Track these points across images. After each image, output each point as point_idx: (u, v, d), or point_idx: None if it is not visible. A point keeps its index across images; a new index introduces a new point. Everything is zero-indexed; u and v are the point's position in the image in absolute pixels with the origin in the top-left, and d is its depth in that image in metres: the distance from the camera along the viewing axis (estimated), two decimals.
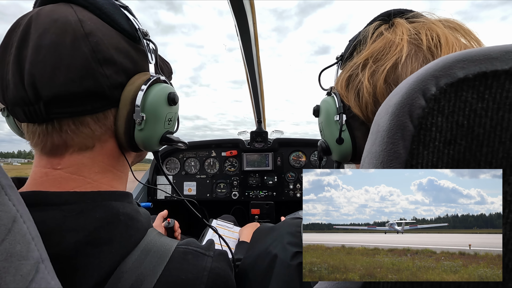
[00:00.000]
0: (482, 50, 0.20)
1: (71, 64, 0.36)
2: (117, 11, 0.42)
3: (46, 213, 0.36)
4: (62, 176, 0.40)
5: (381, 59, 0.39)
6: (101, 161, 0.43)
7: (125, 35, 0.42)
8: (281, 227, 0.53)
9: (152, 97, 0.43)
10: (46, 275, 0.26)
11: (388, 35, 0.41)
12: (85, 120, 0.40)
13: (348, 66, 0.44)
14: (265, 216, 1.76)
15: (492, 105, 0.19)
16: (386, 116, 0.22)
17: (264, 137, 1.79)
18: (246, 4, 0.74)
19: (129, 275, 0.36)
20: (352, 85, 0.42)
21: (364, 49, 0.43)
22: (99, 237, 0.36)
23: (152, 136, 0.44)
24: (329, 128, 0.46)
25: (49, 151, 0.40)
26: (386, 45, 0.40)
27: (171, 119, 0.48)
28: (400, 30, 0.40)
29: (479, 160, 0.19)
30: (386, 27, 0.43)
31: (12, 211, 0.25)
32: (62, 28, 0.37)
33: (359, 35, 0.45)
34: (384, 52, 0.40)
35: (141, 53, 0.45)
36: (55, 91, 0.36)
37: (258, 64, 1.20)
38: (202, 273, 0.41)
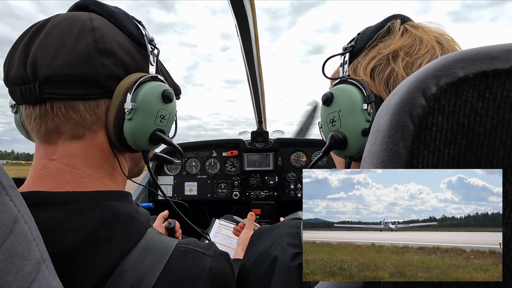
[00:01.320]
0: (482, 49, 0.20)
1: (73, 49, 0.39)
2: (128, 20, 0.46)
3: (46, 213, 0.36)
4: (58, 168, 0.40)
5: (413, 54, 0.41)
6: (92, 154, 0.43)
7: (132, 39, 0.46)
8: (280, 228, 0.52)
9: (145, 89, 0.44)
10: (47, 275, 0.26)
11: (416, 32, 0.43)
12: (76, 105, 0.40)
13: (368, 57, 0.45)
14: (266, 216, 1.76)
15: (492, 105, 0.19)
16: (386, 115, 0.22)
17: (265, 137, 1.79)
18: (247, 4, 0.74)
19: (129, 274, 0.36)
20: (381, 76, 0.43)
21: (386, 42, 0.44)
22: (99, 236, 0.37)
23: (141, 129, 0.44)
24: (353, 118, 0.43)
25: (43, 137, 0.41)
26: (416, 41, 0.42)
27: (164, 117, 0.47)
28: (426, 29, 0.44)
29: (480, 159, 0.19)
30: (409, 26, 0.45)
31: (14, 211, 0.25)
32: (73, 22, 0.40)
33: (379, 28, 0.46)
34: (414, 47, 0.41)
35: (144, 57, 0.47)
36: (52, 71, 0.38)
37: (259, 64, 1.20)
38: (202, 272, 0.41)
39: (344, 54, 0.48)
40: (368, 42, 0.46)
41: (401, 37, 0.44)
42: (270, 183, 1.80)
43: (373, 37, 0.46)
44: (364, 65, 0.45)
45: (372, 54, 0.45)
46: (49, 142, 0.41)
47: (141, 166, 0.56)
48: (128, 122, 0.43)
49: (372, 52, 0.45)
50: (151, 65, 0.47)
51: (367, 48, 0.46)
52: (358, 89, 0.43)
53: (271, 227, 0.56)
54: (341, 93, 0.44)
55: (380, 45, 0.45)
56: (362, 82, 0.43)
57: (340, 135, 0.44)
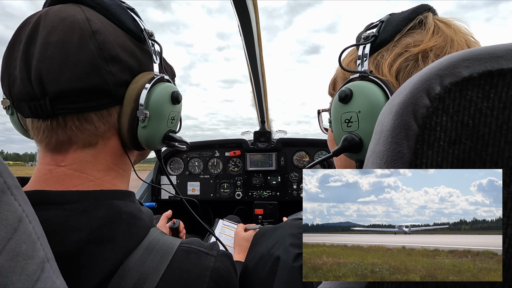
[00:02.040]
0: (487, 49, 0.20)
1: (78, 60, 0.37)
2: (124, 12, 0.44)
3: (49, 212, 0.36)
4: (66, 173, 0.40)
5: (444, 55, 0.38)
6: (103, 159, 0.43)
7: (131, 35, 0.44)
8: (283, 229, 0.52)
9: (156, 95, 0.43)
10: (52, 274, 0.26)
11: (448, 31, 0.39)
12: (89, 116, 0.40)
13: (394, 53, 0.40)
14: (269, 216, 1.76)
15: (497, 104, 0.19)
16: (390, 115, 0.22)
17: (268, 137, 1.79)
18: (249, 4, 0.73)
19: (132, 273, 0.36)
20: (406, 77, 0.39)
21: (414, 37, 0.40)
22: (102, 235, 0.37)
23: (155, 134, 0.45)
24: (374, 122, 0.39)
25: (53, 148, 0.41)
26: (447, 41, 0.38)
27: (174, 117, 0.48)
28: (457, 29, 0.39)
29: (485, 160, 0.19)
30: (440, 22, 0.40)
31: (18, 211, 0.25)
32: (70, 26, 0.38)
33: (407, 19, 0.41)
34: (445, 49, 0.38)
35: (145, 53, 0.46)
36: (61, 87, 0.37)
37: (261, 64, 1.20)
38: (205, 272, 0.41)
39: (365, 44, 0.42)
40: (394, 35, 0.41)
41: (432, 35, 0.39)
42: (272, 183, 1.80)
43: (401, 30, 0.41)
44: (390, 62, 0.40)
45: (399, 50, 0.40)
46: (59, 151, 0.41)
47: (146, 155, 0.56)
48: (143, 129, 0.43)
49: (398, 47, 0.40)
50: (154, 63, 0.46)
51: (393, 41, 0.41)
52: (381, 90, 0.38)
53: (273, 227, 0.56)
54: (363, 92, 0.39)
55: (409, 40, 0.40)
56: (387, 82, 0.38)
57: (356, 138, 0.39)
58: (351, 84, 0.40)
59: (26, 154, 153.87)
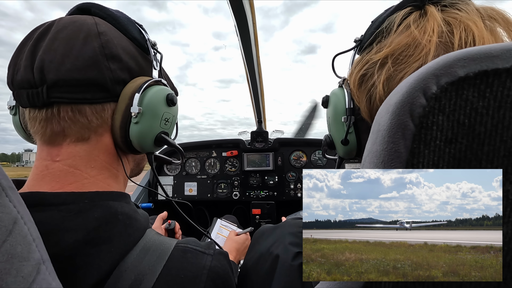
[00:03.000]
0: (483, 49, 0.20)
1: (80, 54, 0.39)
2: (131, 24, 0.47)
3: (45, 213, 0.36)
4: (61, 169, 0.41)
5: (401, 62, 0.35)
6: (96, 156, 0.43)
7: (135, 43, 0.47)
8: (283, 228, 0.52)
9: (151, 94, 0.45)
10: (47, 276, 0.26)
11: (415, 31, 0.35)
12: (83, 109, 0.41)
13: (364, 61, 0.40)
14: (266, 216, 1.76)
15: (493, 104, 0.19)
16: (386, 115, 0.22)
17: (265, 137, 1.79)
18: (246, 4, 0.73)
19: (128, 274, 0.36)
20: (365, 86, 0.39)
21: (385, 41, 0.38)
22: (98, 236, 0.37)
23: (147, 132, 0.45)
24: (336, 126, 0.44)
25: (48, 140, 0.41)
26: (410, 44, 0.35)
27: (168, 120, 0.49)
28: (430, 26, 0.35)
29: (481, 158, 0.19)
30: (415, 17, 0.37)
31: (13, 212, 0.25)
32: (79, 27, 0.41)
33: (384, 21, 0.40)
34: (407, 53, 0.35)
35: (147, 61, 0.48)
36: (60, 75, 0.38)
37: (258, 64, 1.20)
38: (202, 271, 0.41)
39: (353, 49, 0.45)
40: (374, 39, 0.41)
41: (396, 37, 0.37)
42: (270, 183, 1.80)
43: (374, 33, 0.41)
44: (356, 72, 0.40)
45: (367, 57, 0.39)
46: (53, 144, 0.42)
47: (142, 166, 0.57)
48: (135, 126, 0.44)
49: (370, 53, 0.40)
50: (154, 69, 0.48)
51: (373, 46, 0.40)
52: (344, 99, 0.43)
53: (273, 226, 0.56)
54: (333, 98, 0.46)
55: (379, 45, 0.39)
56: (350, 91, 0.41)
57: (329, 139, 0.48)
58: (331, 91, 0.47)
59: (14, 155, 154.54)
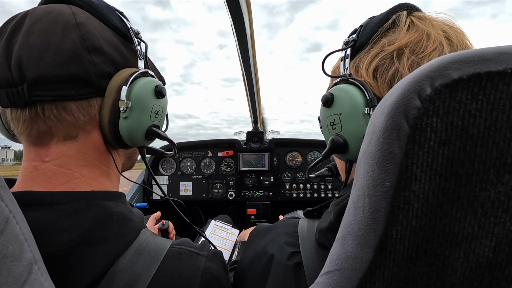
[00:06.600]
0: (476, 52, 0.20)
1: (59, 49, 0.37)
2: (111, 12, 0.44)
3: (39, 213, 0.35)
4: (51, 169, 0.39)
5: (419, 52, 0.38)
6: (86, 153, 0.42)
7: (117, 33, 0.44)
8: (278, 227, 0.52)
9: (138, 86, 0.43)
10: (39, 276, 0.26)
11: (424, 26, 0.39)
12: (69, 106, 0.39)
13: (371, 54, 0.41)
14: (261, 216, 1.76)
15: (486, 106, 0.19)
16: (381, 116, 0.22)
17: (260, 137, 1.79)
18: (242, 4, 0.73)
19: (122, 274, 0.36)
20: (383, 75, 0.39)
21: (394, 36, 0.40)
22: (92, 236, 0.36)
23: (137, 126, 0.44)
24: (354, 122, 0.40)
25: (34, 140, 0.40)
26: (423, 36, 0.38)
27: (158, 112, 0.47)
28: (434, 22, 0.40)
29: (473, 160, 0.20)
30: (415, 18, 0.41)
31: (5, 211, 0.24)
32: (55, 18, 0.38)
33: (383, 20, 0.42)
34: (421, 44, 0.38)
35: (131, 51, 0.46)
36: (40, 72, 0.36)
37: (255, 64, 1.20)
38: (196, 273, 0.40)
39: (345, 49, 0.45)
40: (371, 37, 0.43)
41: (407, 31, 0.40)
42: (265, 183, 1.80)
43: (376, 31, 0.42)
44: (367, 64, 0.41)
45: (375, 51, 0.41)
46: (41, 144, 0.40)
47: (134, 159, 0.56)
48: (124, 121, 0.42)
49: (375, 48, 0.42)
50: (139, 59, 0.46)
51: (370, 44, 0.43)
52: (360, 91, 0.40)
53: (269, 225, 0.56)
54: (342, 94, 0.42)
55: (384, 40, 0.41)
56: (365, 83, 0.40)
57: (341, 140, 0.42)
58: (333, 89, 0.43)
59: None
